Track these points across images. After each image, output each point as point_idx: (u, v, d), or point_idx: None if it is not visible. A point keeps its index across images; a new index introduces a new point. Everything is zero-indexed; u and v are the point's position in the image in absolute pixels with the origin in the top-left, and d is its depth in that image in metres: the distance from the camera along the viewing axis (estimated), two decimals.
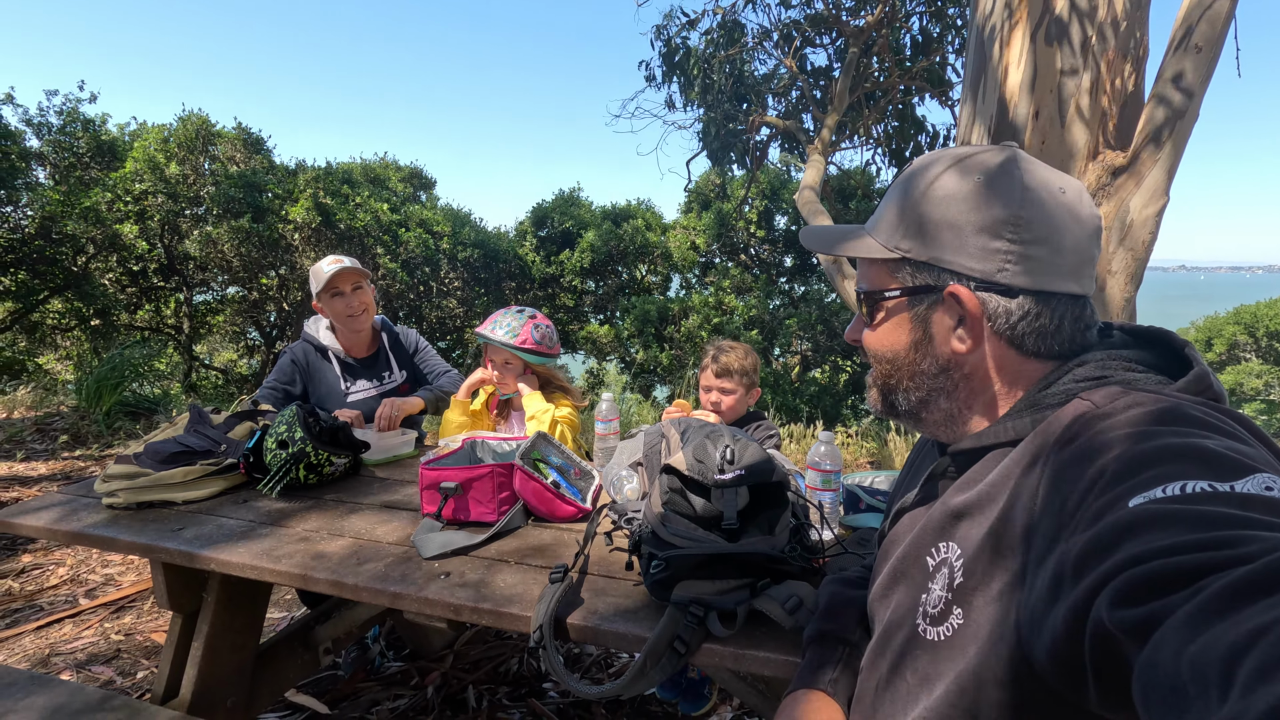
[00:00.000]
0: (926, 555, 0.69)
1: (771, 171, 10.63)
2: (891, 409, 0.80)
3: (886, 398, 0.80)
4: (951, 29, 6.57)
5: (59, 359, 8.97)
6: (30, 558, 2.96)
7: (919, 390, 0.75)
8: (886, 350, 0.77)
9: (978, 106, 2.79)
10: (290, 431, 1.64)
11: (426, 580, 1.18)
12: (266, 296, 9.32)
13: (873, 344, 0.78)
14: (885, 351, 0.77)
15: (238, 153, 9.15)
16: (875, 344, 0.78)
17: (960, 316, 0.70)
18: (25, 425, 4.70)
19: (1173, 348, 0.67)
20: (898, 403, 0.78)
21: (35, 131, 7.86)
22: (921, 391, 0.75)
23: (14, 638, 2.35)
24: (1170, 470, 0.47)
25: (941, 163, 0.72)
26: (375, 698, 2.06)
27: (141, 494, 1.55)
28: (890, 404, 0.79)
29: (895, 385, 0.77)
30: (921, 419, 0.78)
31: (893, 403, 0.79)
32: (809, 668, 0.82)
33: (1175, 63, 2.25)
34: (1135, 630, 0.38)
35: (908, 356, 0.75)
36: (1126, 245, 2.35)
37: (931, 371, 0.73)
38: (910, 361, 0.75)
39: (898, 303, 0.74)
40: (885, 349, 0.77)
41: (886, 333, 0.76)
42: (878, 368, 0.79)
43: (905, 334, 0.74)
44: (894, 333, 0.75)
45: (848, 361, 9.83)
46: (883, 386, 0.79)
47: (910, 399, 0.77)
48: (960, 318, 0.70)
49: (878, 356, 0.78)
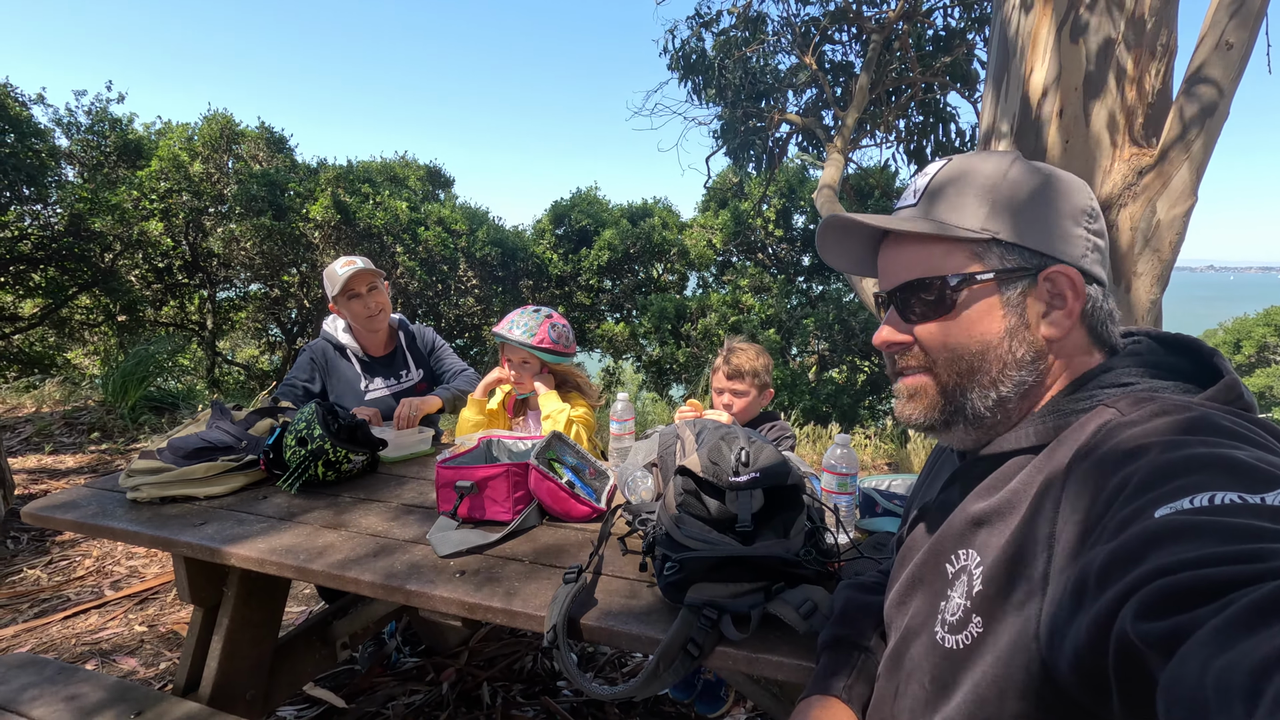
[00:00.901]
0: (945, 562, 0.68)
1: (789, 170, 10.57)
2: (955, 415, 0.71)
3: (953, 400, 0.70)
4: (976, 22, 6.48)
5: (87, 354, 9.16)
6: (58, 549, 3.03)
7: (1005, 384, 0.68)
8: (973, 341, 0.69)
9: (1001, 104, 2.75)
10: (310, 429, 1.66)
11: (442, 578, 1.19)
12: (287, 293, 9.45)
13: (951, 335, 0.70)
14: (970, 343, 0.69)
15: (260, 151, 9.28)
16: (956, 335, 0.69)
17: (1051, 300, 0.69)
18: (54, 419, 4.81)
19: (1201, 356, 0.66)
20: (969, 405, 0.70)
21: (64, 131, 8.04)
22: (1007, 387, 0.68)
23: (42, 627, 2.41)
24: (1198, 481, 0.46)
25: (997, 157, 0.72)
26: (391, 693, 2.08)
27: (165, 489, 1.57)
28: (955, 408, 0.71)
29: (973, 383, 0.69)
30: (986, 423, 0.70)
31: (960, 406, 0.70)
32: (823, 673, 0.82)
33: (1205, 60, 2.20)
34: (1160, 643, 0.37)
35: (1001, 345, 0.68)
36: (1152, 246, 2.30)
37: (1027, 360, 0.68)
38: (1005, 350, 0.68)
39: (986, 286, 0.68)
40: (971, 339, 0.69)
41: (973, 321, 0.69)
42: (953, 364, 0.70)
43: (997, 320, 0.68)
44: (983, 320, 0.68)
45: (865, 362, 9.75)
46: (953, 387, 0.70)
47: (989, 398, 0.69)
48: (1051, 302, 0.69)
49: (958, 350, 0.69)
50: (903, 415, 0.75)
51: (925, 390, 0.73)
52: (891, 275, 0.75)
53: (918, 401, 0.73)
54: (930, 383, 0.72)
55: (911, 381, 0.74)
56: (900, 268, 0.74)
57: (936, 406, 0.72)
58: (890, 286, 0.75)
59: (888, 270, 0.76)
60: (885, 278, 0.76)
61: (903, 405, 0.75)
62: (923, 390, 0.73)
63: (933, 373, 0.72)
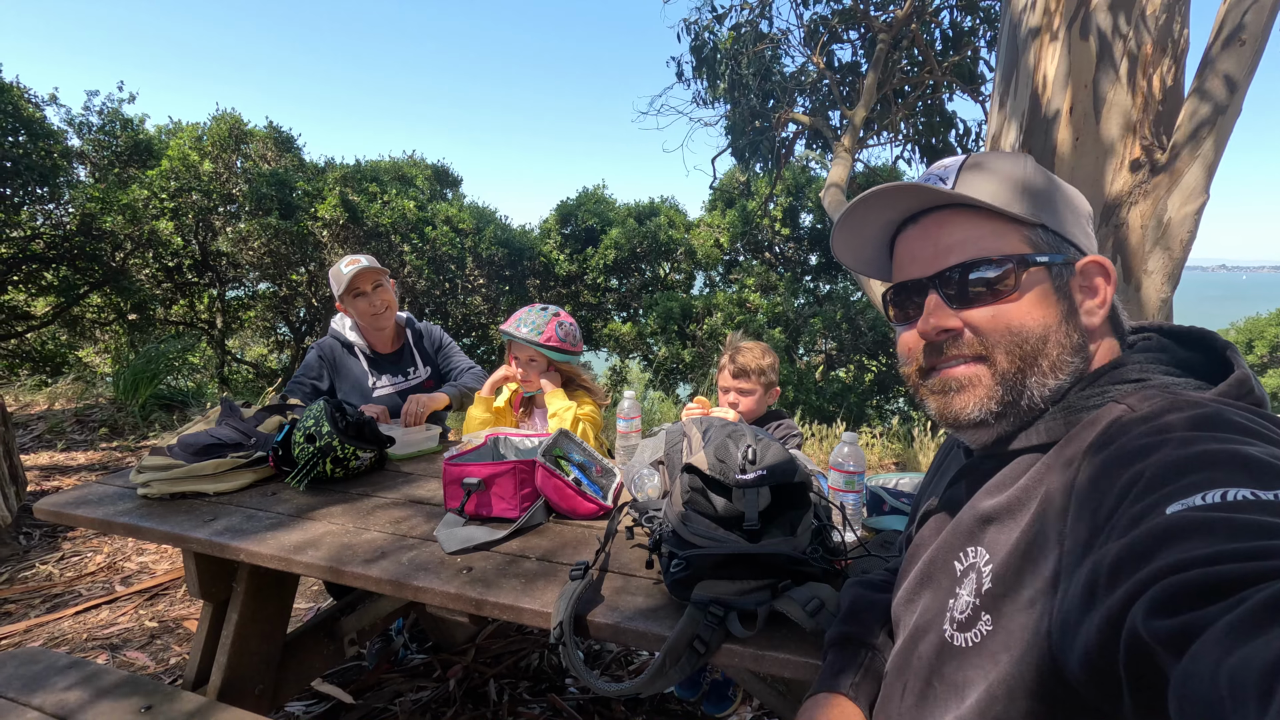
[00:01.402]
0: (954, 560, 0.68)
1: (796, 169, 10.54)
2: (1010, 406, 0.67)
3: (1012, 389, 0.66)
4: (983, 23, 6.45)
5: (98, 352, 9.24)
6: (70, 545, 3.06)
7: (1064, 370, 0.66)
8: (1035, 325, 0.66)
9: (1009, 103, 2.74)
10: (318, 426, 1.67)
11: (449, 574, 1.20)
12: (295, 292, 9.50)
13: (1014, 318, 0.66)
14: (1035, 327, 0.66)
15: (269, 151, 9.33)
16: (1019, 317, 0.66)
17: (1085, 290, 0.70)
18: (66, 416, 4.85)
19: (1214, 350, 0.65)
20: (1026, 394, 0.66)
21: (76, 131, 8.10)
22: (1065, 374, 0.66)
23: (54, 622, 2.43)
24: (1210, 477, 0.45)
25: (1014, 155, 0.73)
26: (399, 689, 2.09)
27: (174, 485, 1.59)
28: (1013, 399, 0.66)
29: (1035, 368, 0.66)
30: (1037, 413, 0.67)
31: (1018, 395, 0.66)
32: (830, 671, 0.81)
33: (1217, 56, 2.18)
34: (1172, 641, 0.37)
35: (1060, 330, 0.67)
36: (1163, 245, 2.28)
37: (1079, 345, 0.67)
38: (1063, 334, 0.66)
39: (1037, 272, 0.67)
40: (1035, 323, 0.66)
41: (1034, 304, 0.67)
42: (1015, 349, 0.66)
43: (1053, 305, 0.67)
44: (1041, 304, 0.67)
45: (873, 361, 9.71)
46: (1014, 374, 0.66)
47: (1046, 387, 0.66)
48: (1086, 291, 0.70)
49: (1021, 333, 0.66)
50: (949, 410, 0.70)
51: (979, 380, 0.68)
52: (932, 259, 0.71)
53: (970, 393, 0.68)
54: (985, 371, 0.68)
55: (963, 371, 0.69)
56: (945, 250, 0.70)
57: (994, 397, 0.67)
58: (939, 268, 0.70)
59: (923, 255, 0.72)
60: (922, 263, 0.72)
61: (949, 400, 0.70)
62: (976, 380, 0.68)
63: (989, 360, 0.68)
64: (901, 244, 0.77)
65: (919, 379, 0.75)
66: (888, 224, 0.78)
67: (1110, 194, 2.39)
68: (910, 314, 0.75)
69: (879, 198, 0.73)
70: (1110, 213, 2.38)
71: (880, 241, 0.80)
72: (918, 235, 0.74)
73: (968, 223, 0.70)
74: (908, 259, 0.75)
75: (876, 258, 0.82)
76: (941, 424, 0.73)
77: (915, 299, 0.73)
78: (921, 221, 0.74)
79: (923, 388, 0.74)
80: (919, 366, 0.74)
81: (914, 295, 0.74)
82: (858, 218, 0.77)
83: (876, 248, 0.81)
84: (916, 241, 0.74)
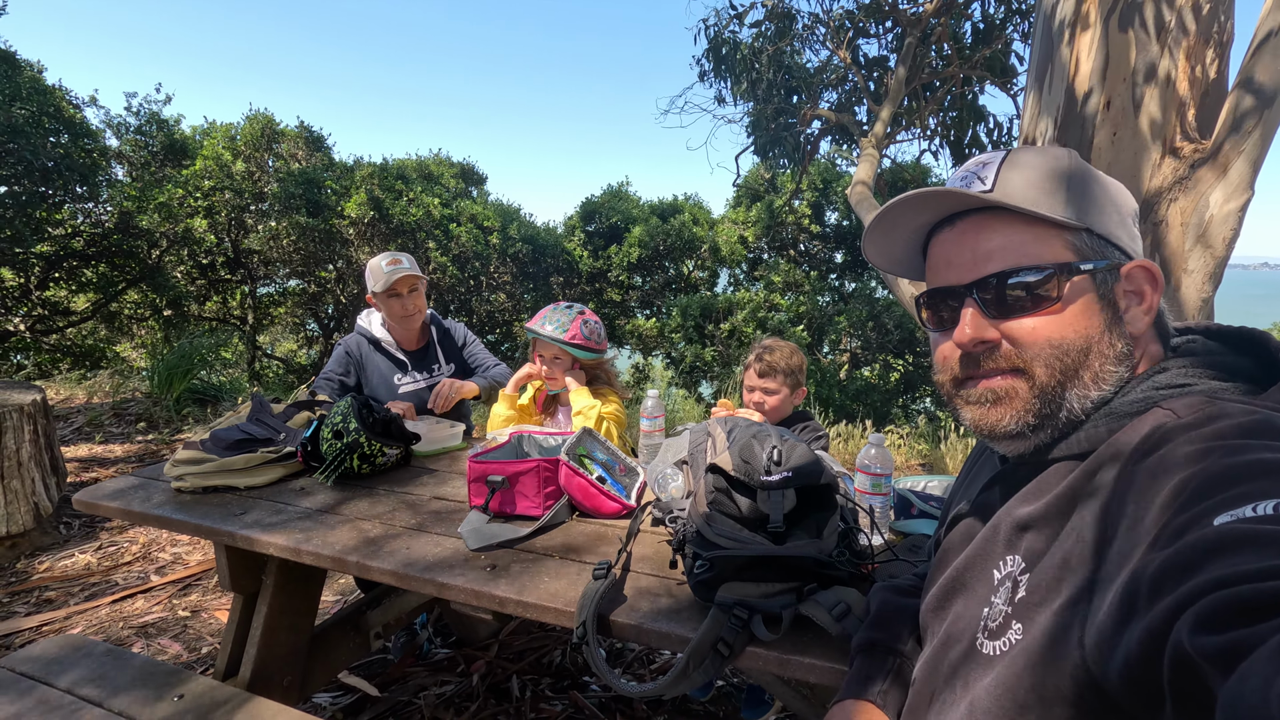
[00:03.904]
0: (993, 568, 0.66)
1: (822, 165, 10.42)
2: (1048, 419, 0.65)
3: (1051, 402, 0.64)
4: (1016, 14, 6.31)
5: (135, 347, 9.49)
6: (107, 535, 3.15)
7: (1106, 381, 0.64)
8: (1077, 337, 0.64)
9: (1043, 97, 2.67)
10: (345, 422, 1.69)
11: (473, 572, 1.20)
12: (324, 289, 9.65)
13: (1056, 330, 0.64)
14: (1076, 338, 0.64)
15: (299, 150, 9.48)
16: (1060, 329, 0.64)
17: (1130, 297, 0.67)
18: (104, 410, 4.98)
19: (1265, 351, 0.63)
20: (1065, 407, 0.64)
21: (114, 131, 8.32)
22: (1108, 384, 0.64)
23: (92, 610, 2.50)
24: (1260, 487, 0.43)
25: (1056, 150, 0.69)
26: (423, 683, 2.11)
27: (207, 479, 1.62)
28: (1051, 411, 0.65)
29: (1076, 381, 0.64)
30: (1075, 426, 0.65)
31: (1056, 408, 0.64)
32: (857, 678, 0.80)
33: (1264, 47, 2.10)
34: (1219, 658, 0.35)
35: (1103, 340, 0.64)
36: (1204, 243, 2.21)
37: (1123, 354, 0.65)
38: (1106, 344, 0.64)
39: (1082, 280, 0.65)
40: (1076, 334, 0.64)
41: (1077, 314, 0.64)
42: (1056, 361, 0.64)
43: (1097, 315, 0.65)
44: (1084, 314, 0.64)
45: (899, 360, 9.59)
46: (1053, 387, 0.64)
47: (1088, 399, 0.64)
48: (1131, 298, 0.67)
49: (1063, 345, 0.64)
50: (984, 422, 0.68)
51: (1016, 393, 0.66)
52: (970, 265, 0.68)
53: (1006, 406, 0.67)
54: (1022, 385, 0.66)
55: (999, 384, 0.67)
56: (984, 256, 0.67)
57: (1031, 410, 0.65)
58: (977, 276, 0.68)
59: (960, 261, 0.70)
60: (959, 269, 0.70)
61: (985, 411, 0.68)
62: (1012, 393, 0.66)
63: (1026, 373, 0.66)
64: (937, 246, 0.74)
65: (953, 389, 0.72)
66: (921, 226, 0.75)
67: (1149, 190, 2.32)
68: (945, 320, 0.72)
69: (913, 203, 0.70)
70: (1148, 210, 2.31)
71: (914, 242, 0.78)
72: (954, 239, 0.71)
73: (1008, 227, 0.67)
74: (943, 263, 0.72)
75: (909, 257, 0.80)
76: (976, 434, 0.70)
77: (951, 306, 0.71)
78: (959, 224, 0.71)
79: (957, 397, 0.72)
80: (954, 376, 0.72)
81: (949, 301, 0.71)
82: (890, 221, 0.74)
83: (909, 248, 0.78)
84: (953, 246, 0.71)
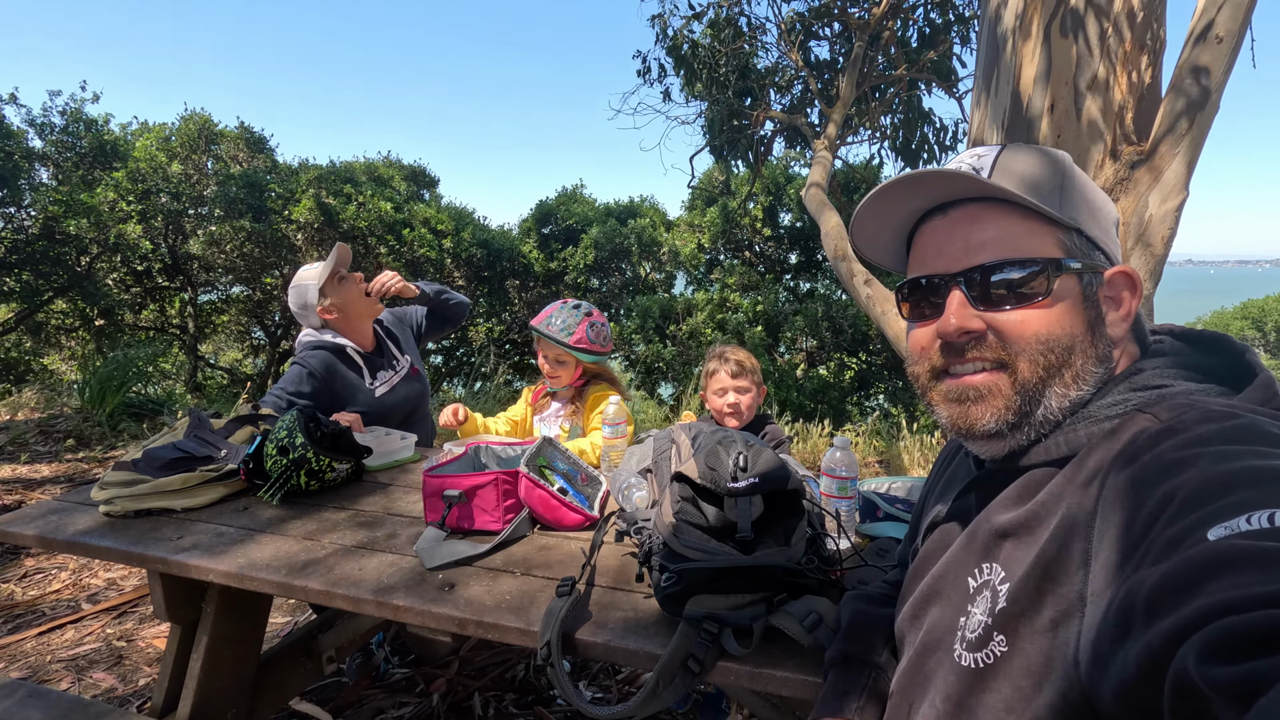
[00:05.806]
0: (967, 576, 0.64)
1: (776, 167, 10.56)
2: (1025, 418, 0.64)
3: (1030, 400, 0.63)
4: (958, 20, 6.49)
5: (64, 359, 8.97)
6: (33, 562, 2.94)
7: (1086, 382, 0.63)
8: (1063, 334, 0.63)
9: (990, 100, 2.73)
10: (291, 437, 1.60)
11: (430, 592, 1.15)
12: (270, 296, 9.30)
13: (1042, 326, 0.63)
14: (1063, 335, 0.63)
15: (240, 152, 9.12)
16: (1047, 326, 0.63)
17: (1110, 300, 0.67)
18: (29, 427, 4.68)
19: (1232, 353, 0.63)
20: (1043, 406, 0.63)
21: (38, 132, 7.85)
22: (1087, 384, 0.63)
23: (16, 643, 2.33)
24: (1254, 497, 0.42)
25: (1048, 151, 0.69)
26: (380, 705, 2.03)
27: (139, 502, 1.51)
28: (1028, 410, 0.64)
29: (1056, 379, 0.63)
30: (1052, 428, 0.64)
31: (1034, 407, 0.63)
32: (833, 694, 0.78)
33: (1195, 54, 2.19)
34: (1233, 691, 0.34)
35: (1086, 339, 0.64)
36: (1144, 242, 2.29)
37: (1104, 356, 0.64)
38: (1088, 344, 0.64)
39: (1070, 278, 0.64)
40: (1062, 332, 0.63)
41: (1063, 312, 0.64)
42: (1040, 357, 0.63)
43: (1081, 314, 0.64)
44: (1070, 312, 0.64)
45: (853, 358, 9.77)
46: (1034, 385, 0.63)
47: (1066, 399, 0.63)
48: (1110, 302, 0.67)
49: (1049, 341, 0.63)
50: (964, 420, 0.67)
51: (998, 389, 0.65)
52: (961, 254, 0.67)
53: (988, 403, 0.65)
54: (1005, 380, 0.65)
55: (981, 380, 0.66)
56: (976, 246, 0.66)
57: (1012, 408, 0.64)
58: (967, 265, 0.66)
59: (950, 249, 0.68)
60: (948, 257, 0.68)
61: (965, 409, 0.67)
62: (995, 389, 0.65)
63: (1010, 367, 0.64)
64: (925, 235, 0.72)
65: (930, 381, 0.70)
66: (912, 212, 0.73)
67: None
68: (926, 311, 0.70)
69: (911, 184, 0.68)
70: None
71: (900, 229, 0.76)
72: (945, 227, 0.69)
73: (1002, 219, 0.66)
74: (932, 252, 0.70)
75: (892, 245, 0.78)
76: (952, 433, 0.69)
77: (935, 295, 0.69)
78: (951, 213, 0.69)
79: (934, 391, 0.70)
80: (932, 366, 0.70)
81: (934, 291, 0.69)
82: (883, 202, 0.71)
83: (895, 234, 0.76)
84: (944, 234, 0.69)
